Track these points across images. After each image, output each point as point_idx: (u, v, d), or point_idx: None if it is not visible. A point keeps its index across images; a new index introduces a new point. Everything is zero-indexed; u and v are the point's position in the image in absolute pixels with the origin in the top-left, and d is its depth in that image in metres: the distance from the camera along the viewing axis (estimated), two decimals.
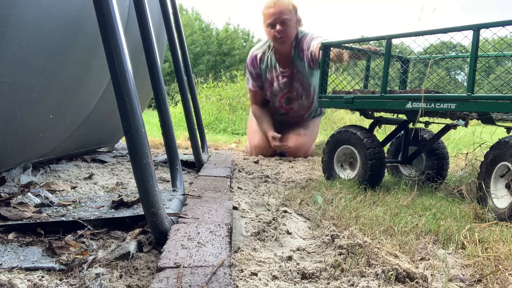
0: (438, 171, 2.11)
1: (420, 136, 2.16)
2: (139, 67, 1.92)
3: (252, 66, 3.32)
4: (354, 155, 2.00)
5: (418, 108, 1.72)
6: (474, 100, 1.58)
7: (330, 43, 2.08)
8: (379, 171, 1.89)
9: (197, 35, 26.43)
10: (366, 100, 1.92)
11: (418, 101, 1.72)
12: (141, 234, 1.05)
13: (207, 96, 7.18)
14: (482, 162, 1.64)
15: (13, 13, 1.14)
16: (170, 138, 1.49)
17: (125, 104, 0.92)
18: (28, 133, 1.53)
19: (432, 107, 1.70)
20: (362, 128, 2.00)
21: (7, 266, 0.86)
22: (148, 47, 1.45)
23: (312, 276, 0.90)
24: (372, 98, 1.89)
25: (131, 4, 1.76)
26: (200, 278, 0.73)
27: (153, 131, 4.75)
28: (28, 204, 1.21)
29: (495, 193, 1.57)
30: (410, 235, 1.21)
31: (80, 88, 1.69)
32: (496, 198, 1.55)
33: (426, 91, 1.74)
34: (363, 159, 1.91)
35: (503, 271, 0.95)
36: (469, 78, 1.59)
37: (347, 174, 2.03)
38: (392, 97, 1.83)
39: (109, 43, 0.92)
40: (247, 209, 1.44)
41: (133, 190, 1.54)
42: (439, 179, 2.07)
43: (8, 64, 1.21)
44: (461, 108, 1.64)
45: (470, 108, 1.62)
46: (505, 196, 1.53)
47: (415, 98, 1.74)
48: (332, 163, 2.09)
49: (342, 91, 2.06)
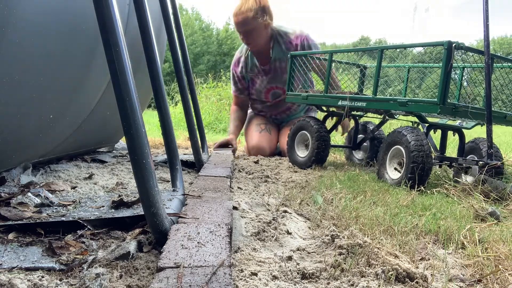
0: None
1: (366, 127, 2.89)
2: (139, 67, 1.92)
3: (234, 70, 3.42)
4: (308, 138, 2.61)
5: (344, 105, 2.36)
6: (376, 101, 2.20)
7: (295, 53, 2.77)
8: (323, 151, 2.51)
9: (197, 35, 26.43)
10: (315, 97, 2.59)
11: (345, 100, 2.36)
12: (141, 234, 1.05)
13: (207, 96, 7.18)
14: (381, 145, 2.22)
15: (13, 13, 1.14)
16: (170, 138, 1.49)
17: (125, 104, 0.92)
18: (28, 133, 1.53)
19: (353, 105, 2.32)
20: (315, 119, 2.65)
21: (7, 266, 0.86)
22: (148, 47, 1.45)
23: (312, 276, 0.90)
24: (318, 96, 2.57)
25: (131, 2, 1.76)
26: (200, 278, 0.73)
27: (153, 131, 4.75)
28: (28, 204, 1.21)
29: (389, 168, 2.15)
30: (410, 235, 1.21)
31: (80, 88, 1.69)
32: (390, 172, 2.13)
33: (351, 93, 2.38)
34: (313, 141, 2.53)
35: (503, 271, 0.95)
36: (374, 85, 2.21)
37: (304, 153, 2.63)
38: (329, 96, 2.48)
39: (109, 43, 0.92)
40: (247, 209, 1.44)
41: (133, 190, 1.54)
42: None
43: (8, 64, 1.21)
44: (368, 105, 2.26)
45: (373, 106, 2.24)
46: (395, 171, 2.11)
47: (342, 97, 2.38)
48: (293, 145, 2.71)
49: (301, 90, 2.74)
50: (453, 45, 1.87)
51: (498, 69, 2.28)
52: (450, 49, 1.87)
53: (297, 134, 2.70)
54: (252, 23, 3.03)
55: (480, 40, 25.21)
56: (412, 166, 1.93)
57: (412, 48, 2.32)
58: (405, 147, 1.99)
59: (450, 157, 2.21)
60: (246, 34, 3.10)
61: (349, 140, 2.95)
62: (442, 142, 2.33)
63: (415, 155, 1.93)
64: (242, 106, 3.52)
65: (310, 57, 2.74)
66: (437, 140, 2.48)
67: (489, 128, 1.99)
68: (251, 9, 3.00)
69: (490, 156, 1.98)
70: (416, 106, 2.01)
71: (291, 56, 2.73)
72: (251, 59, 3.33)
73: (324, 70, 2.65)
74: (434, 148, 2.40)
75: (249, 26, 3.04)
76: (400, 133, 2.05)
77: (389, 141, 2.13)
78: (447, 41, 1.87)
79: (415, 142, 1.95)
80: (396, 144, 2.09)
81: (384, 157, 2.16)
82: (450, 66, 1.86)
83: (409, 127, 2.07)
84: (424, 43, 2.15)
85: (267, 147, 3.25)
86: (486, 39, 2.00)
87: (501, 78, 2.26)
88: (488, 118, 1.98)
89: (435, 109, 1.91)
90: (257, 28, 3.06)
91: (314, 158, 2.49)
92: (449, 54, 1.87)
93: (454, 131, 2.34)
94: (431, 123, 2.24)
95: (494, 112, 2.05)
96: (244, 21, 3.04)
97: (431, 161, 1.96)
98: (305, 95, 2.62)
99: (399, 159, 2.10)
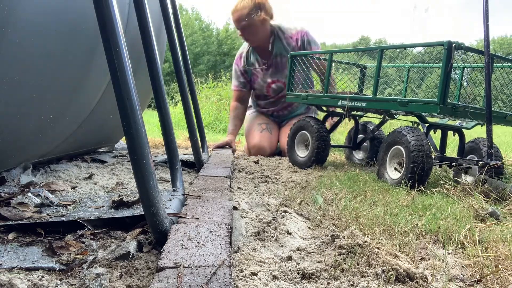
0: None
1: (366, 127, 2.89)
2: (139, 67, 1.92)
3: (237, 64, 3.52)
4: (308, 138, 2.60)
5: (344, 105, 2.35)
6: (376, 101, 2.19)
7: (295, 53, 2.77)
8: (323, 151, 2.51)
9: (197, 35, 26.44)
10: (315, 97, 2.59)
11: (345, 100, 2.35)
12: (141, 234, 1.05)
13: (207, 96, 7.18)
14: (381, 145, 2.21)
15: (13, 13, 1.14)
16: (170, 138, 1.49)
17: (125, 104, 0.92)
18: (28, 133, 1.53)
19: (353, 104, 2.31)
20: (315, 119, 2.65)
21: (7, 266, 0.86)
22: (148, 47, 1.45)
23: (312, 276, 0.90)
24: (318, 96, 2.56)
25: (131, 2, 1.76)
26: (200, 278, 0.73)
27: (153, 131, 4.75)
28: (28, 204, 1.21)
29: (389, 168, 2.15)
30: (410, 235, 1.21)
31: (80, 88, 1.69)
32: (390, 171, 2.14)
33: (351, 93, 2.37)
34: (313, 141, 2.53)
35: (503, 271, 0.95)
36: (374, 85, 2.20)
37: (304, 153, 2.63)
38: (329, 96, 2.47)
39: (109, 43, 0.92)
40: (247, 209, 1.44)
41: (133, 190, 1.54)
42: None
43: (8, 64, 1.21)
44: (368, 105, 2.25)
45: (373, 106, 2.23)
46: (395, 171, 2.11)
47: (342, 97, 2.37)
48: (293, 145, 2.71)
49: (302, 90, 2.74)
50: (453, 45, 1.87)
51: (498, 69, 2.28)
52: (450, 49, 1.87)
53: (297, 134, 2.70)
54: (247, 20, 3.18)
55: (480, 40, 25.22)
56: (412, 166, 1.93)
57: (412, 48, 2.32)
58: (405, 147, 1.99)
59: (450, 157, 2.21)
60: (243, 30, 3.25)
61: (349, 140, 2.96)
62: (442, 142, 2.34)
63: (415, 155, 1.93)
64: (243, 102, 3.58)
65: (310, 57, 2.75)
66: (437, 140, 2.49)
67: (489, 128, 1.99)
68: (246, 6, 3.17)
69: (490, 156, 1.98)
70: (416, 106, 2.01)
71: (291, 56, 2.75)
72: (253, 54, 3.44)
73: (324, 70, 2.67)
74: (434, 148, 2.41)
75: (245, 22, 3.19)
76: (400, 133, 2.05)
77: (389, 141, 2.13)
78: (447, 41, 1.87)
79: (415, 142, 1.95)
80: (396, 144, 2.09)
81: (384, 157, 2.16)
82: (450, 66, 1.87)
83: (409, 127, 2.07)
84: (424, 43, 2.16)
85: (267, 146, 3.27)
86: (486, 39, 2.00)
87: (501, 78, 2.27)
88: (488, 118, 1.98)
89: (435, 109, 1.91)
90: (252, 24, 3.20)
91: (314, 158, 2.50)
92: (449, 54, 1.87)
93: (454, 131, 2.34)
94: (431, 123, 2.24)
95: (494, 112, 2.06)
96: (240, 18, 3.20)
97: (431, 161, 1.96)
98: (305, 95, 2.63)
99: (399, 159, 2.10)
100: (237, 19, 3.23)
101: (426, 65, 2.80)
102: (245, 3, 3.18)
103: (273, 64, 3.39)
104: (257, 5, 3.18)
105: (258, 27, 3.23)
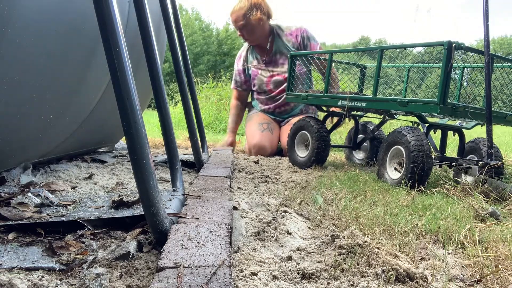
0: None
1: (366, 127, 2.89)
2: (139, 67, 1.92)
3: (236, 64, 3.68)
4: (308, 138, 2.61)
5: (344, 105, 2.35)
6: (376, 101, 2.20)
7: (295, 53, 2.78)
8: (323, 151, 2.50)
9: (197, 35, 26.45)
10: (315, 97, 2.59)
11: (345, 100, 2.34)
12: (141, 234, 1.05)
13: (207, 96, 7.17)
14: (381, 145, 2.21)
15: (13, 13, 1.14)
16: (170, 138, 1.49)
17: (125, 104, 0.92)
18: (28, 133, 1.53)
19: (353, 104, 2.31)
20: (315, 119, 2.65)
21: (7, 266, 0.86)
22: (148, 47, 1.45)
23: (312, 276, 0.90)
24: (318, 96, 2.56)
25: (131, 2, 1.76)
26: (200, 278, 0.73)
27: (153, 131, 4.75)
28: (28, 204, 1.21)
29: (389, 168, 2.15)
30: (410, 235, 1.21)
31: (80, 88, 1.69)
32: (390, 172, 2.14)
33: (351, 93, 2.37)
34: (313, 141, 2.53)
35: (503, 271, 0.95)
36: (374, 85, 2.20)
37: (304, 153, 2.63)
38: (329, 96, 2.47)
39: (109, 43, 0.92)
40: (247, 209, 1.44)
41: (133, 190, 1.54)
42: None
43: (8, 64, 1.21)
44: (368, 105, 2.25)
45: (373, 106, 2.24)
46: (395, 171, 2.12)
47: (342, 97, 2.37)
48: (293, 145, 2.71)
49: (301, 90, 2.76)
50: (453, 45, 1.87)
51: (498, 69, 2.28)
52: (450, 49, 1.87)
53: (297, 134, 2.71)
54: (244, 20, 3.34)
55: (480, 40, 25.20)
56: (412, 166, 1.93)
57: (412, 48, 2.32)
58: (405, 147, 1.99)
59: (450, 157, 2.21)
60: (241, 30, 3.41)
61: (349, 140, 2.97)
62: (442, 142, 2.34)
63: (415, 155, 1.93)
64: (242, 101, 3.72)
65: (310, 57, 2.77)
66: (437, 140, 2.49)
67: (489, 128, 1.99)
68: (242, 7, 3.33)
69: (490, 156, 1.98)
70: (416, 106, 2.01)
71: (291, 56, 2.77)
72: (253, 53, 3.57)
73: (324, 70, 2.70)
74: (434, 148, 2.41)
75: (242, 22, 3.35)
76: (400, 133, 2.05)
77: (389, 141, 2.14)
78: (447, 41, 1.87)
79: (415, 142, 1.95)
80: (396, 144, 2.09)
81: (384, 157, 2.16)
82: (450, 66, 1.87)
83: (409, 127, 2.07)
84: (424, 43, 2.16)
85: (268, 146, 3.28)
86: (486, 39, 2.00)
87: (501, 78, 2.27)
88: (488, 118, 1.98)
89: (435, 109, 1.91)
90: (249, 24, 3.34)
91: (314, 158, 2.50)
92: (449, 54, 1.87)
93: (454, 131, 2.34)
94: (431, 123, 2.25)
95: (494, 112, 2.06)
96: (237, 18, 3.37)
97: (431, 161, 1.96)
98: (305, 95, 2.64)
99: (399, 159, 2.11)
100: (235, 19, 3.39)
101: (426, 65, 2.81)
102: (242, 4, 3.33)
103: (273, 61, 3.50)
104: (253, 5, 3.32)
105: (255, 26, 3.35)
